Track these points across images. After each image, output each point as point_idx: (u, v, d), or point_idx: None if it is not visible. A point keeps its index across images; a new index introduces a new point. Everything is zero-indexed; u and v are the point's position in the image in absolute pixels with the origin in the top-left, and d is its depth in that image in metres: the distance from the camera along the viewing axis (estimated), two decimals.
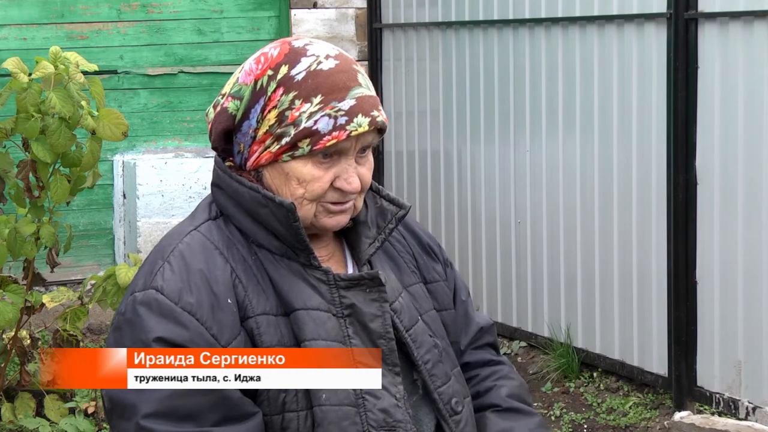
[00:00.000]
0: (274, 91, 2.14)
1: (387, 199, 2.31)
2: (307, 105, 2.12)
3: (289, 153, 2.14)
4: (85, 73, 5.02)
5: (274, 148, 2.15)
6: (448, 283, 2.42)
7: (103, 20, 7.94)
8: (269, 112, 2.14)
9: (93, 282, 5.16)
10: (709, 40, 5.77)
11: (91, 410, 5.72)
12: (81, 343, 5.36)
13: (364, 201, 2.27)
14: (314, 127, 2.12)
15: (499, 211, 7.19)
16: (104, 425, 5.86)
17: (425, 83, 7.77)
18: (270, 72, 2.15)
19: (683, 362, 5.97)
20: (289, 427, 2.13)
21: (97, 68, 5.13)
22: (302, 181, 2.15)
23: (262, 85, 2.15)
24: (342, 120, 2.12)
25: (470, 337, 2.44)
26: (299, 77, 2.13)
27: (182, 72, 8.09)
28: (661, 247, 6.06)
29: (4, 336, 5.43)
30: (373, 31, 8.21)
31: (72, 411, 5.42)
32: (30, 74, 4.95)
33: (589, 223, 6.53)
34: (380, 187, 2.33)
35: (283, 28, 8.21)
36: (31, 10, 7.78)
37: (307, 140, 2.12)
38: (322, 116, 2.12)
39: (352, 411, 2.15)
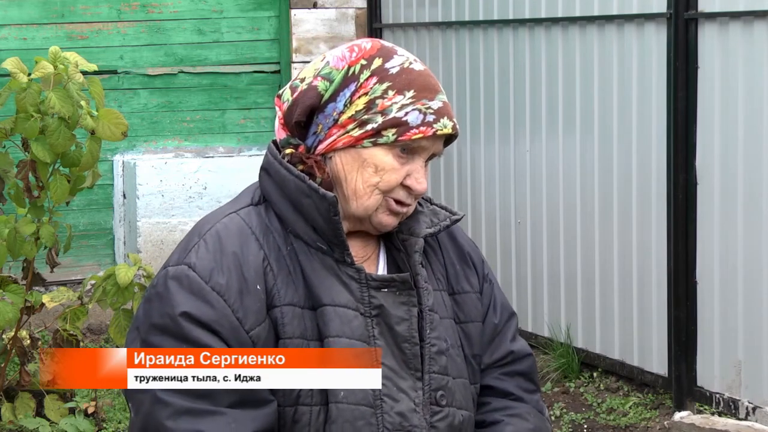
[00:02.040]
0: (367, 79, 2.18)
1: (440, 207, 2.35)
2: (400, 97, 2.17)
3: (372, 139, 2.17)
4: (84, 73, 5.01)
5: (356, 132, 2.17)
6: (481, 297, 2.39)
7: (103, 20, 7.94)
8: (359, 98, 2.18)
9: (93, 282, 5.15)
10: (709, 40, 5.77)
11: (91, 410, 5.72)
12: (81, 343, 5.36)
13: (419, 203, 2.30)
14: (404, 118, 2.17)
15: (499, 211, 7.19)
16: (104, 425, 5.86)
17: None
18: (364, 61, 2.19)
19: (683, 362, 5.96)
20: (300, 421, 2.14)
21: (96, 68, 5.13)
22: (380, 170, 2.18)
23: (354, 72, 2.19)
24: (430, 118, 2.18)
25: (495, 358, 2.39)
26: (394, 71, 2.19)
27: (182, 72, 8.09)
28: (661, 247, 6.06)
29: (4, 336, 5.42)
30: (373, 31, 8.21)
31: (72, 411, 5.42)
32: (29, 74, 4.95)
33: (589, 223, 6.53)
34: (431, 197, 2.37)
35: (283, 28, 8.21)
36: (31, 10, 7.78)
37: (394, 129, 2.16)
38: (413, 110, 2.17)
39: (368, 411, 2.16)
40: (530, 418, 2.37)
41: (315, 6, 8.22)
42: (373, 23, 8.21)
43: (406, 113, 2.16)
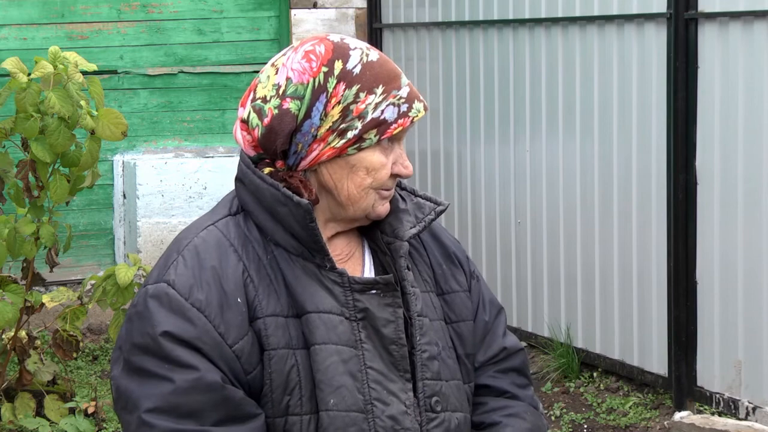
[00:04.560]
0: (335, 86, 2.14)
1: (423, 197, 2.33)
2: (372, 96, 2.14)
3: (356, 146, 2.15)
4: (84, 73, 5.01)
5: (338, 143, 2.14)
6: (470, 296, 2.37)
7: (103, 20, 7.94)
8: (333, 108, 2.14)
9: (93, 282, 5.15)
10: (709, 40, 5.77)
11: (91, 410, 5.72)
12: (81, 344, 5.36)
13: (401, 196, 2.30)
14: (382, 117, 2.15)
15: (499, 211, 7.19)
16: (104, 425, 5.86)
17: (425, 83, 7.76)
18: (325, 69, 2.14)
19: (683, 362, 5.96)
20: (292, 431, 2.12)
21: (96, 68, 5.13)
22: (371, 170, 2.17)
23: (320, 82, 2.14)
24: (404, 107, 2.16)
25: (489, 356, 2.38)
26: (356, 70, 2.15)
27: (182, 72, 8.09)
28: (661, 247, 6.06)
29: (3, 336, 5.42)
30: (373, 31, 8.21)
31: (72, 411, 5.42)
32: (29, 74, 4.95)
33: (589, 223, 6.53)
34: (414, 188, 2.35)
35: (283, 28, 8.21)
36: (31, 10, 7.78)
37: (375, 131, 2.14)
38: (388, 105, 2.15)
39: (359, 417, 2.13)
40: (527, 416, 2.37)
41: (315, 6, 8.22)
42: (373, 23, 8.21)
43: (382, 111, 2.15)
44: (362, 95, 2.14)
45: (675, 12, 5.84)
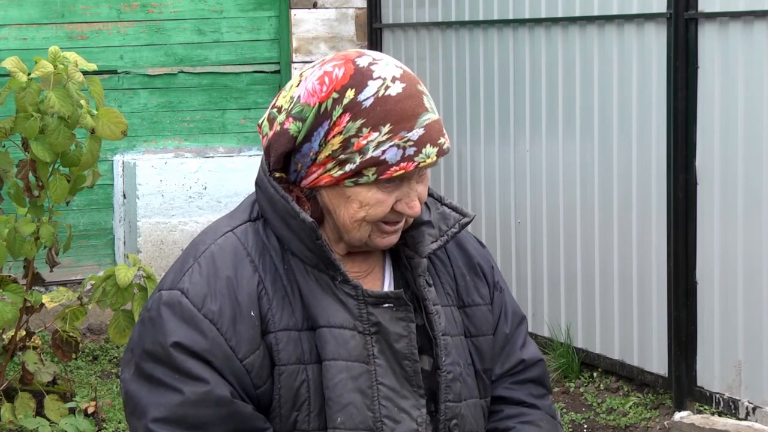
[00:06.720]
0: (340, 116, 2.06)
1: (450, 207, 2.26)
2: (375, 134, 2.05)
3: (353, 179, 2.08)
4: (84, 72, 5.01)
5: (337, 173, 2.08)
6: (492, 308, 2.32)
7: (103, 20, 7.94)
8: (334, 137, 2.07)
9: (92, 282, 5.15)
10: (709, 40, 5.77)
11: (91, 410, 5.72)
12: (80, 344, 5.36)
13: (426, 204, 2.22)
14: (382, 157, 2.06)
15: (499, 211, 7.19)
16: (104, 425, 5.86)
17: (425, 83, 7.75)
18: (335, 95, 2.07)
19: (683, 362, 5.96)
20: None
21: (96, 68, 5.13)
22: (365, 205, 2.10)
23: (326, 108, 2.07)
24: (410, 151, 2.06)
25: (506, 368, 2.34)
26: (367, 104, 2.06)
27: (182, 72, 8.09)
28: (661, 247, 6.06)
29: (3, 336, 5.42)
30: (373, 31, 8.21)
31: (72, 411, 5.42)
32: (29, 74, 4.95)
33: (589, 223, 6.52)
34: (441, 195, 2.28)
35: (283, 28, 8.21)
36: (31, 10, 7.78)
37: (374, 169, 2.07)
38: (391, 146, 2.06)
39: None
40: (543, 424, 2.33)
41: (315, 6, 8.22)
42: (373, 23, 8.21)
43: (384, 151, 2.05)
44: (365, 131, 2.06)
45: (675, 12, 5.84)
